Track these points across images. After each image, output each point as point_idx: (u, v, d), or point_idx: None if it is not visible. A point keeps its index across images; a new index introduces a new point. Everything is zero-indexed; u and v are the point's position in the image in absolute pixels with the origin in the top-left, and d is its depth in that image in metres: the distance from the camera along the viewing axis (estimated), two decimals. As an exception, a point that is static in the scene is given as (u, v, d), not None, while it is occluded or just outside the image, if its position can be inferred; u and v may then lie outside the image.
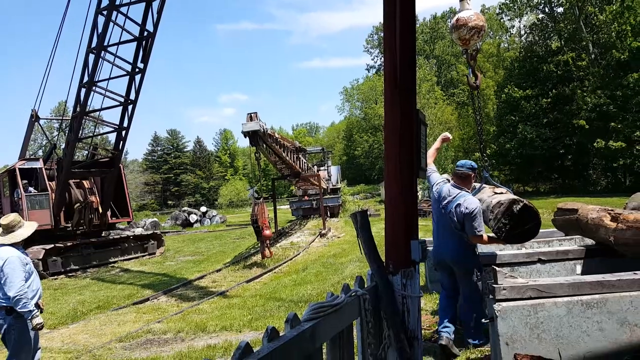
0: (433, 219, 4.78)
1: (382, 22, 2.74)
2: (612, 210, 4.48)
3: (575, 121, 34.07)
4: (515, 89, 39.35)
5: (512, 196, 4.32)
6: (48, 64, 13.43)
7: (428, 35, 70.66)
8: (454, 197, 4.37)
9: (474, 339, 4.39)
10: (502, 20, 53.69)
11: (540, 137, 36.79)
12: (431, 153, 5.03)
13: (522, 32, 52.21)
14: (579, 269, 5.24)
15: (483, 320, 4.10)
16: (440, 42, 70.22)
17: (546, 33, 41.58)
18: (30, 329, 4.17)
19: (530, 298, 3.62)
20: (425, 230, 16.01)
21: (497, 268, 3.78)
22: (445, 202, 4.43)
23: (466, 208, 4.22)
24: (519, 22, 52.59)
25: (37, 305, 4.39)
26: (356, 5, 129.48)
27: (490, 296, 3.76)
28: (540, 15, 42.94)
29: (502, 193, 4.56)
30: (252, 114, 12.85)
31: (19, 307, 4.06)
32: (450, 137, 5.16)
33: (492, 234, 4.44)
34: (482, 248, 5.62)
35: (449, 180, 4.69)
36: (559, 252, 5.27)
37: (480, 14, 4.97)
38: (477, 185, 4.96)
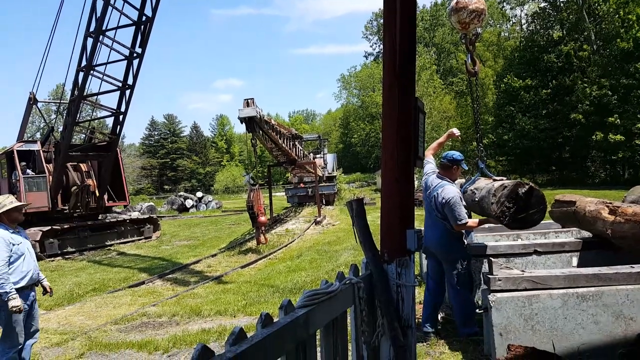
0: (425, 208, 4.83)
1: (381, 7, 2.69)
2: (610, 203, 4.47)
3: (574, 116, 33.96)
4: (515, 78, 39.14)
5: (513, 180, 4.20)
6: (46, 47, 13.34)
7: (428, 23, 70.03)
8: (435, 186, 4.48)
9: (465, 328, 4.42)
10: (503, 9, 53.25)
11: (539, 128, 36.72)
12: (434, 146, 5.07)
13: (524, 21, 51.79)
14: (575, 261, 5.25)
15: (477, 310, 4.13)
16: (440, 30, 69.64)
17: (548, 22, 41.19)
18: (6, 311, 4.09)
19: (526, 289, 3.63)
20: (421, 219, 16.05)
21: (492, 259, 3.79)
22: (428, 191, 4.56)
23: (443, 198, 4.29)
24: (521, 10, 52.14)
25: (30, 288, 4.37)
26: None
27: (485, 286, 3.77)
28: (543, 4, 42.52)
29: (502, 179, 4.52)
30: (249, 100, 12.76)
31: None
32: (458, 134, 5.03)
33: (480, 217, 4.47)
34: (476, 238, 5.63)
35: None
36: (555, 244, 5.28)
37: None
38: (473, 176, 4.98)
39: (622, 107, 31.87)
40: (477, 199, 4.44)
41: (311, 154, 25.95)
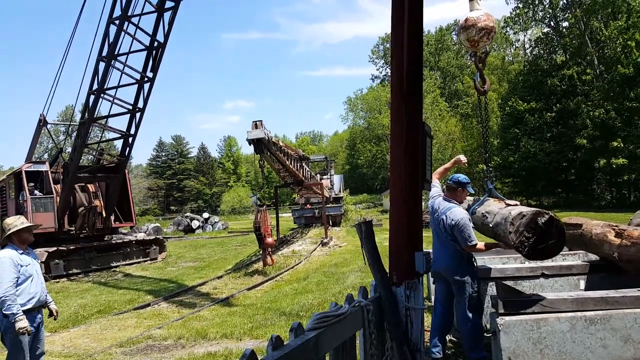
0: (432, 231, 4.83)
1: (388, 32, 2.78)
2: (616, 226, 4.46)
3: (579, 141, 34.00)
4: (520, 102, 39.38)
5: (531, 208, 3.98)
6: (58, 69, 13.57)
7: (433, 47, 70.97)
8: (442, 209, 4.50)
9: (473, 353, 4.37)
10: (506, 34, 53.88)
11: (544, 150, 36.72)
12: (440, 170, 5.14)
13: (527, 45, 52.37)
14: (582, 284, 5.21)
15: (485, 334, 4.09)
16: (445, 54, 70.53)
17: (551, 47, 41.69)
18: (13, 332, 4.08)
19: (534, 313, 3.61)
20: (428, 241, 15.98)
21: (500, 282, 3.78)
22: (436, 214, 4.56)
23: (452, 220, 4.31)
24: (524, 35, 52.77)
25: (37, 310, 4.36)
26: (361, 16, 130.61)
27: (493, 310, 3.75)
28: (546, 30, 43.11)
29: (516, 205, 4.34)
30: (257, 122, 12.92)
31: (4, 308, 4.03)
32: (465, 161, 5.11)
33: (492, 241, 4.43)
34: (483, 261, 5.60)
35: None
36: (562, 267, 5.25)
37: (490, 14, 4.68)
38: (481, 197, 4.94)
39: (626, 130, 31.95)
40: (491, 225, 4.31)
41: (318, 175, 26.03)
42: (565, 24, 40.59)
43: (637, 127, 31.70)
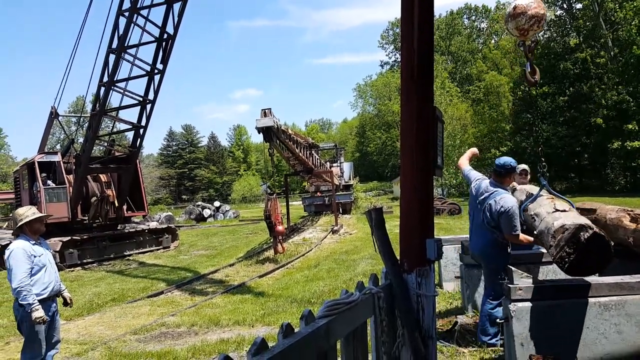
0: (469, 213, 4.78)
1: (397, 17, 2.72)
2: (631, 210, 4.38)
3: (593, 119, 33.45)
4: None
5: (577, 218, 3.63)
6: (69, 62, 13.60)
7: (444, 32, 69.97)
8: (491, 193, 4.40)
9: (483, 336, 4.35)
10: (519, 16, 52.66)
11: (557, 135, 36.24)
12: (465, 159, 5.18)
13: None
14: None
15: (498, 320, 4.07)
16: (456, 38, 69.52)
17: (564, 30, 40.83)
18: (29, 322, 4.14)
19: (546, 299, 3.57)
20: (439, 228, 15.94)
21: (512, 268, 3.74)
22: (482, 197, 4.46)
23: (502, 207, 4.22)
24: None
25: (52, 299, 4.42)
26: (371, 2, 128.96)
27: (506, 296, 3.72)
28: (559, 12, 42.19)
29: (564, 211, 3.96)
30: (266, 110, 12.87)
31: (20, 299, 4.09)
32: (477, 153, 5.36)
33: (528, 237, 4.31)
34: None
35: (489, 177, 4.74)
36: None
37: (540, 1, 4.39)
38: (533, 191, 4.70)
39: (640, 112, 31.38)
40: (535, 232, 4.08)
41: (328, 163, 25.99)
42: (579, 5, 39.64)
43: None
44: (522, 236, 4.24)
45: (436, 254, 2.49)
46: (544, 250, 5.23)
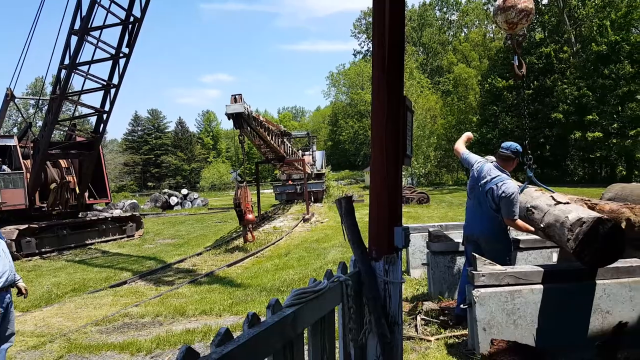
0: (468, 195, 4.81)
1: (370, 6, 2.70)
2: (589, 200, 4.55)
3: (555, 115, 34.66)
4: (498, 79, 39.70)
5: (589, 212, 3.69)
6: (26, 42, 12.98)
7: (416, 23, 70.50)
8: (494, 177, 4.43)
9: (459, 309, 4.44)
10: (487, 10, 53.74)
11: (520, 127, 37.34)
12: (461, 143, 5.09)
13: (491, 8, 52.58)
14: (555, 257, 5.35)
15: (462, 305, 4.16)
16: (428, 30, 70.18)
17: (530, 24, 41.89)
18: None
19: (508, 285, 3.69)
20: (408, 216, 16.19)
21: (476, 255, 3.82)
22: (484, 180, 4.48)
23: (503, 192, 4.27)
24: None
25: (6, 290, 4.22)
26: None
27: (469, 282, 3.81)
28: (526, 6, 43.13)
29: (567, 203, 4.02)
30: (237, 96, 12.66)
31: None
32: (472, 137, 5.34)
33: (527, 225, 4.34)
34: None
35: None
36: (536, 240, 5.38)
37: None
38: (520, 184, 4.84)
39: (599, 107, 32.74)
40: (542, 225, 4.08)
41: (300, 151, 25.89)
42: (545, 1, 40.73)
43: (610, 104, 32.48)
44: (521, 222, 4.32)
45: (404, 242, 2.51)
46: (522, 237, 5.38)
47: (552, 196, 4.25)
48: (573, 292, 3.69)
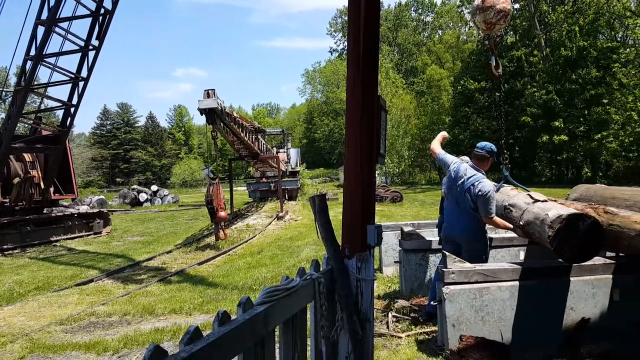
0: (445, 196, 4.83)
1: (346, 5, 2.70)
2: (555, 200, 4.68)
3: (523, 118, 35.62)
4: (471, 81, 40.50)
5: (567, 208, 3.74)
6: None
7: (392, 23, 71.18)
8: (470, 177, 4.47)
9: (430, 307, 4.51)
10: (461, 12, 54.72)
11: (491, 129, 38.21)
12: (437, 143, 5.08)
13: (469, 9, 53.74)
14: (522, 255, 5.50)
15: (432, 302, 4.23)
16: (403, 31, 70.95)
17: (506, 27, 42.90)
18: None
19: (477, 282, 3.77)
20: (382, 215, 16.34)
21: (447, 253, 3.89)
22: (461, 181, 4.51)
23: (480, 190, 4.32)
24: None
25: None
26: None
27: (439, 279, 3.87)
28: (498, 10, 44.13)
29: (545, 201, 4.09)
30: (210, 91, 12.48)
31: None
32: (447, 136, 5.34)
33: (507, 224, 4.40)
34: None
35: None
36: (504, 238, 5.52)
37: None
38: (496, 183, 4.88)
39: (567, 110, 33.82)
40: (521, 222, 4.13)
41: (274, 149, 25.75)
42: (517, 5, 41.73)
43: (577, 107, 33.60)
44: (499, 220, 4.38)
45: (376, 240, 2.52)
46: (492, 235, 5.48)
47: (529, 194, 4.33)
48: (538, 289, 3.80)
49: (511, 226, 4.38)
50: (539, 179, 38.31)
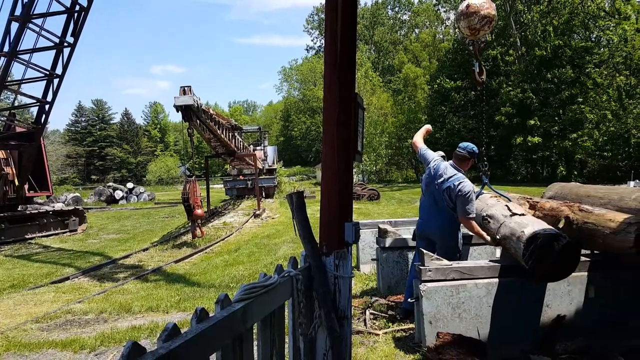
0: (423, 192, 4.83)
1: (322, 2, 2.72)
2: (530, 198, 4.81)
3: (498, 118, 36.16)
4: (447, 80, 41.00)
5: (543, 225, 3.69)
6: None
7: (368, 21, 71.41)
8: (450, 176, 4.47)
9: (407, 304, 4.56)
10: (438, 12, 55.31)
11: (467, 127, 38.79)
12: (420, 137, 5.09)
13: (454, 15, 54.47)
14: (498, 252, 5.61)
15: (410, 299, 4.29)
16: (380, 29, 71.25)
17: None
18: None
19: (454, 279, 3.82)
20: (359, 213, 16.44)
21: (424, 251, 3.95)
22: (440, 180, 4.52)
23: (459, 190, 4.35)
24: (454, 14, 54.53)
25: None
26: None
27: (417, 277, 3.93)
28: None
29: (522, 215, 4.01)
30: (186, 88, 12.34)
31: None
32: (431, 130, 5.31)
33: (482, 232, 4.40)
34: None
35: (444, 158, 4.82)
36: (480, 236, 5.61)
37: (492, 2, 4.49)
38: (476, 189, 4.83)
39: (542, 109, 34.49)
40: (498, 236, 4.09)
41: (251, 146, 25.61)
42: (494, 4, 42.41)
43: (552, 106, 34.32)
44: (475, 225, 4.37)
45: (354, 237, 2.55)
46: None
47: (507, 205, 4.29)
48: (515, 286, 3.83)
49: (486, 235, 4.36)
50: (514, 177, 39.05)
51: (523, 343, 3.71)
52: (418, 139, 5.07)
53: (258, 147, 27.92)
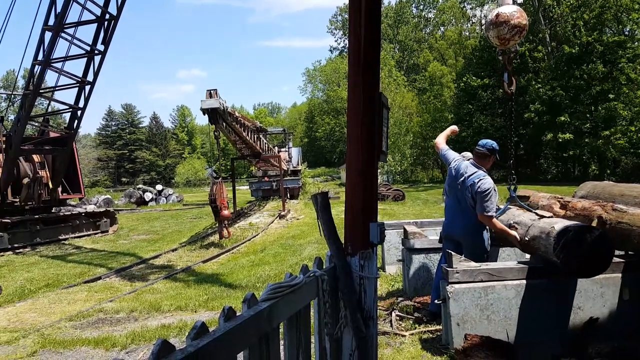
0: (446, 194, 4.78)
1: (346, 2, 2.71)
2: (561, 198, 4.67)
3: (527, 115, 35.25)
4: (474, 77, 40.27)
5: (576, 222, 3.55)
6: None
7: (392, 20, 70.86)
8: (471, 174, 4.42)
9: (434, 305, 4.50)
10: (464, 9, 54.43)
11: (495, 126, 37.99)
12: (443, 138, 5.07)
13: (483, 21, 53.32)
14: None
15: (436, 301, 4.24)
16: (404, 27, 70.60)
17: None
18: None
19: (482, 281, 3.75)
20: (384, 213, 16.33)
21: (451, 252, 3.89)
22: (462, 178, 4.47)
23: (479, 187, 4.28)
24: (480, 11, 53.63)
25: None
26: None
27: (444, 278, 3.88)
28: (501, 6, 43.91)
29: (551, 217, 3.91)
30: (212, 91, 12.53)
31: None
32: (457, 130, 5.29)
33: (505, 227, 4.24)
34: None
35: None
36: (509, 236, 5.48)
37: (522, 10, 4.28)
38: (502, 205, 4.70)
39: (573, 107, 33.42)
40: (527, 238, 3.92)
41: (276, 148, 25.79)
42: (520, 0, 41.44)
43: (583, 103, 33.20)
44: (498, 224, 4.26)
45: (379, 238, 2.54)
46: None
47: (535, 212, 4.16)
48: (545, 288, 3.74)
49: (511, 232, 4.15)
50: (544, 177, 38.06)
51: (554, 346, 3.62)
52: (440, 139, 5.04)
53: (283, 149, 28.07)
